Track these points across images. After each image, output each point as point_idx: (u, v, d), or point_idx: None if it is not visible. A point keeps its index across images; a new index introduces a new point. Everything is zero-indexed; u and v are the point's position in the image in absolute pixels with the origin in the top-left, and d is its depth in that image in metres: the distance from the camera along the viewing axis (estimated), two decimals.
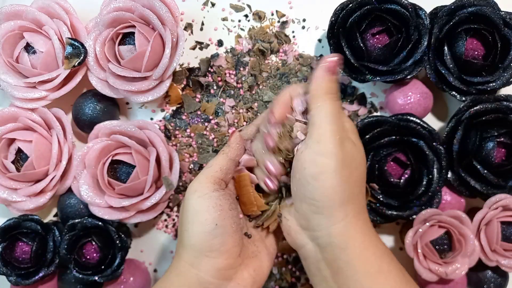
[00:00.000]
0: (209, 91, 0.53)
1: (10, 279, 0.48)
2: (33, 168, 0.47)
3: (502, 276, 0.51)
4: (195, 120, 0.53)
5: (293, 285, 0.53)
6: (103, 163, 0.47)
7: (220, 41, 0.53)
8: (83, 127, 0.51)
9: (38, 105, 0.49)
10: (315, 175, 0.33)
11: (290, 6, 0.53)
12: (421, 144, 0.47)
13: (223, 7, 0.53)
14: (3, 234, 0.48)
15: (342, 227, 0.34)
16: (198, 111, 0.53)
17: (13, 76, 0.49)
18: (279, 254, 0.52)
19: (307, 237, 0.36)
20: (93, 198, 0.47)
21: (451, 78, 0.47)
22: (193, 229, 0.35)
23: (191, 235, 0.35)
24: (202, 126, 0.53)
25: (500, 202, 0.48)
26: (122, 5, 0.48)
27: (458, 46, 0.47)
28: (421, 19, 0.48)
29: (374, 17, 0.47)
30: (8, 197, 0.48)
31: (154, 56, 0.47)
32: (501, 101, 0.48)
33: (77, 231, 0.48)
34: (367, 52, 0.48)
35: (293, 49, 0.53)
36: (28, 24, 0.49)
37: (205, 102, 0.53)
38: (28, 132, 0.48)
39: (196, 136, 0.53)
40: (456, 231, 0.48)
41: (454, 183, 0.49)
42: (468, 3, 0.47)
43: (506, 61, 0.47)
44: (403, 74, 0.48)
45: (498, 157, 0.47)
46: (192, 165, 0.53)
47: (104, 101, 0.50)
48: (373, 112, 0.53)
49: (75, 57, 0.48)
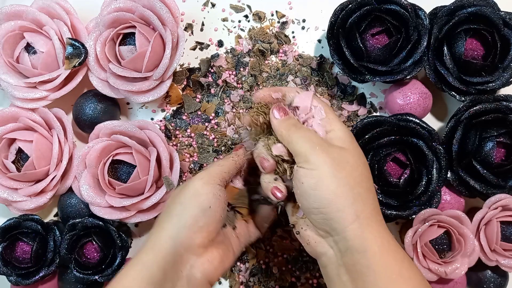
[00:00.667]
0: (209, 91, 0.53)
1: (10, 278, 0.49)
2: (34, 168, 0.47)
3: (502, 276, 0.51)
4: (196, 120, 0.53)
5: (293, 285, 0.53)
6: (104, 163, 0.47)
7: (220, 42, 0.54)
8: (83, 127, 0.51)
9: (38, 105, 0.49)
10: (313, 186, 0.35)
11: (290, 7, 0.54)
12: (420, 144, 0.47)
13: (223, 7, 0.54)
14: (3, 234, 0.48)
15: (356, 229, 0.34)
16: (199, 111, 0.53)
17: (13, 76, 0.49)
18: (279, 254, 0.53)
19: (327, 244, 0.36)
20: (94, 197, 0.48)
21: (451, 78, 0.48)
22: (189, 203, 0.38)
23: (185, 207, 0.38)
24: (203, 126, 0.53)
25: (500, 202, 0.48)
26: (123, 6, 0.48)
27: (458, 46, 0.48)
28: (420, 20, 0.48)
29: (374, 17, 0.48)
30: (8, 197, 0.48)
31: (155, 57, 0.47)
32: (501, 101, 0.48)
33: (78, 231, 0.48)
34: (367, 53, 0.48)
35: (293, 50, 0.53)
36: (29, 24, 0.49)
37: (205, 102, 0.53)
38: (29, 132, 0.49)
39: (196, 136, 0.53)
40: (455, 231, 0.48)
41: (453, 183, 0.49)
42: (468, 3, 0.47)
43: (506, 61, 0.47)
44: (402, 75, 0.48)
45: (497, 157, 0.47)
46: (193, 165, 0.53)
47: (104, 101, 0.50)
48: (372, 112, 0.53)
49: (76, 57, 0.48)
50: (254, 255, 0.53)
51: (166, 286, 0.36)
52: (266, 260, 0.53)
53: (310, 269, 0.52)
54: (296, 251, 0.53)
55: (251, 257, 0.53)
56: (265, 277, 0.52)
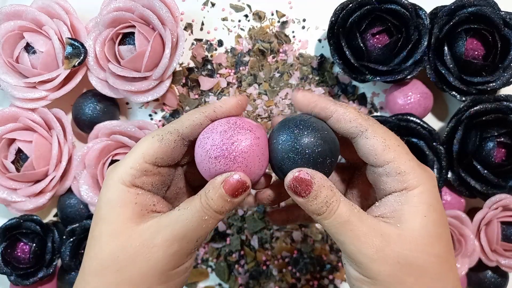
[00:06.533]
0: (208, 90, 0.53)
1: (11, 278, 0.49)
2: (33, 168, 0.47)
3: (502, 276, 0.51)
4: None
5: (293, 286, 0.53)
6: (103, 163, 0.47)
7: (220, 41, 0.53)
8: (83, 127, 0.51)
9: (38, 105, 0.49)
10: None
11: (290, 6, 0.53)
12: (421, 144, 0.47)
13: (223, 7, 0.53)
14: (4, 234, 0.48)
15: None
16: None
17: (13, 76, 0.49)
18: (279, 256, 0.52)
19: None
20: (93, 198, 0.47)
21: (451, 78, 0.47)
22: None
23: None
24: None
25: (500, 202, 0.48)
26: (122, 5, 0.48)
27: (458, 46, 0.47)
28: (421, 19, 0.48)
29: (374, 17, 0.47)
30: (7, 197, 0.48)
31: (154, 56, 0.47)
32: (501, 101, 0.48)
33: (77, 235, 0.48)
34: (367, 52, 0.48)
35: (293, 49, 0.53)
36: (28, 24, 0.49)
37: (203, 101, 0.53)
38: (28, 132, 0.48)
39: None
40: (456, 231, 0.48)
41: (454, 183, 0.49)
42: (468, 3, 0.47)
43: (506, 61, 0.47)
44: (403, 74, 0.48)
45: (498, 157, 0.47)
46: None
47: (104, 101, 0.50)
48: (373, 112, 0.53)
49: (75, 57, 0.48)
50: (253, 257, 0.53)
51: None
52: (266, 262, 0.53)
53: (310, 270, 0.52)
54: (295, 252, 0.52)
55: (250, 259, 0.53)
56: (264, 279, 0.52)
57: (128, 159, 0.30)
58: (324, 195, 0.28)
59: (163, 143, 0.30)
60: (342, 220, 0.28)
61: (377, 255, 0.27)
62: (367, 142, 0.29)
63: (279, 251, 0.52)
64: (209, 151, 0.29)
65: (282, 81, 0.53)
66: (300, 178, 0.28)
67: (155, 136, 0.30)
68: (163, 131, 0.30)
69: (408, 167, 0.28)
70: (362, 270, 0.28)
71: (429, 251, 0.27)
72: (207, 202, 0.29)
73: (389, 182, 0.29)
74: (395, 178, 0.28)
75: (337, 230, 0.28)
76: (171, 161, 0.31)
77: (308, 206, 0.28)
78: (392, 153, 0.29)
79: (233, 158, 0.29)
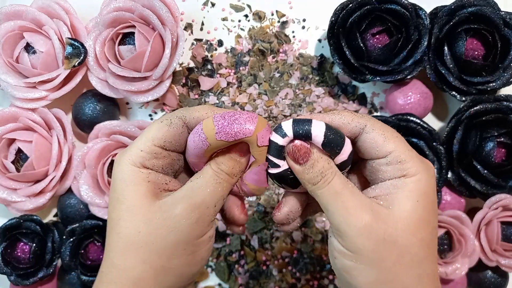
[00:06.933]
0: (208, 90, 0.53)
1: (11, 278, 0.49)
2: (33, 168, 0.47)
3: (502, 276, 0.51)
4: None
5: (293, 286, 0.53)
6: (103, 163, 0.47)
7: (220, 41, 0.53)
8: (83, 127, 0.51)
9: (38, 105, 0.49)
10: (347, 269, 0.29)
11: (290, 6, 0.53)
12: (421, 144, 0.47)
13: (223, 7, 0.53)
14: (4, 234, 0.48)
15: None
16: None
17: (13, 76, 0.49)
18: (279, 256, 0.52)
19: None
20: (93, 198, 0.47)
21: (451, 78, 0.47)
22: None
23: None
24: None
25: (500, 202, 0.48)
26: (122, 5, 0.48)
27: (458, 46, 0.47)
28: (421, 19, 0.48)
29: (374, 17, 0.47)
30: (7, 197, 0.48)
31: (154, 56, 0.47)
32: (501, 101, 0.48)
33: (77, 235, 0.48)
34: (367, 52, 0.48)
35: (293, 49, 0.53)
36: (28, 24, 0.49)
37: (203, 101, 0.53)
38: (28, 132, 0.48)
39: None
40: (456, 231, 0.48)
41: (454, 183, 0.49)
42: (468, 3, 0.47)
43: (506, 61, 0.47)
44: (403, 74, 0.48)
45: (498, 157, 0.47)
46: None
47: (104, 101, 0.50)
48: (373, 112, 0.53)
49: (75, 57, 0.48)
50: (253, 257, 0.53)
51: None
52: (266, 262, 0.53)
53: (310, 270, 0.52)
54: (296, 253, 0.52)
55: (250, 259, 0.53)
56: (264, 279, 0.52)
57: (138, 142, 0.30)
58: (321, 165, 0.29)
59: (172, 127, 0.30)
60: (335, 191, 0.28)
61: (364, 229, 0.27)
62: (368, 136, 0.30)
63: (279, 251, 0.52)
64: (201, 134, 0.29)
65: (282, 81, 0.53)
66: (301, 144, 0.29)
67: (164, 121, 0.30)
68: (171, 116, 0.31)
69: (407, 156, 0.29)
70: (347, 243, 0.28)
71: (415, 233, 0.28)
72: (218, 167, 0.30)
73: (389, 171, 0.30)
74: (395, 166, 0.29)
75: (328, 200, 0.29)
76: (178, 146, 0.31)
77: (304, 174, 0.29)
78: (392, 144, 0.29)
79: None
